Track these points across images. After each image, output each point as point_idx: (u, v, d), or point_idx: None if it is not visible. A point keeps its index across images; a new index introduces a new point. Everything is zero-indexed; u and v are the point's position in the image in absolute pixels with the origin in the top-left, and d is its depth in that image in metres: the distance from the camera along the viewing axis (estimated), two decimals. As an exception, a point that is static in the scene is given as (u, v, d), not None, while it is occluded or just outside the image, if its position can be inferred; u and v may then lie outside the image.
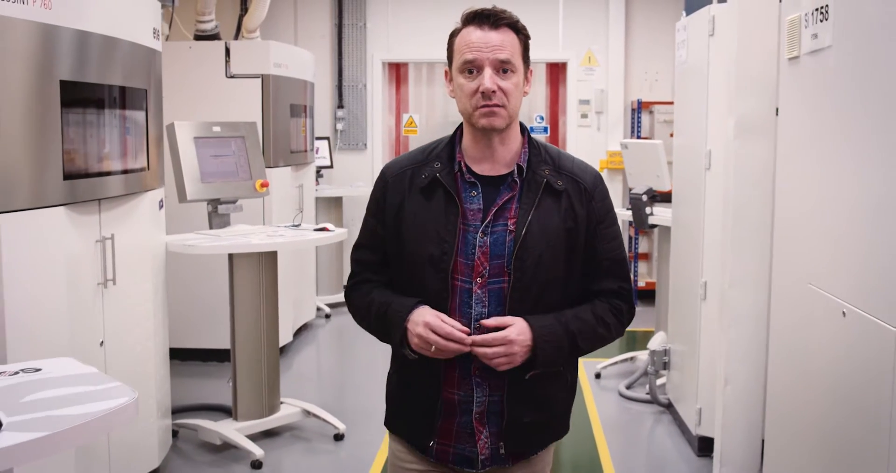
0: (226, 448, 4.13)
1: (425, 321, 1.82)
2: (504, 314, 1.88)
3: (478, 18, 1.87)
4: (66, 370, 1.87)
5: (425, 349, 1.83)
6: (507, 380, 1.92)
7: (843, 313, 2.27)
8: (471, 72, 1.87)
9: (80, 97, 3.04)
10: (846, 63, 2.32)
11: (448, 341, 1.81)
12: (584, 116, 7.90)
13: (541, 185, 1.92)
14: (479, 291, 1.90)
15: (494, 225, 1.90)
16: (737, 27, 3.30)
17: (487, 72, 1.84)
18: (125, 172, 3.39)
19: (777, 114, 3.06)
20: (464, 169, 1.93)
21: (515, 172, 1.92)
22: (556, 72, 8.13)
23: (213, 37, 5.69)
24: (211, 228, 4.34)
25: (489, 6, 1.90)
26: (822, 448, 2.45)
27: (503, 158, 1.94)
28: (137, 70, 3.49)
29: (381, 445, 4.22)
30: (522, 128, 1.99)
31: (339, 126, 7.91)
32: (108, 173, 3.26)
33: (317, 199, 6.96)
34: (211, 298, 5.37)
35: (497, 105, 1.85)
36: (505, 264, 1.88)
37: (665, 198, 5.06)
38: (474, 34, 1.86)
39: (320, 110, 7.59)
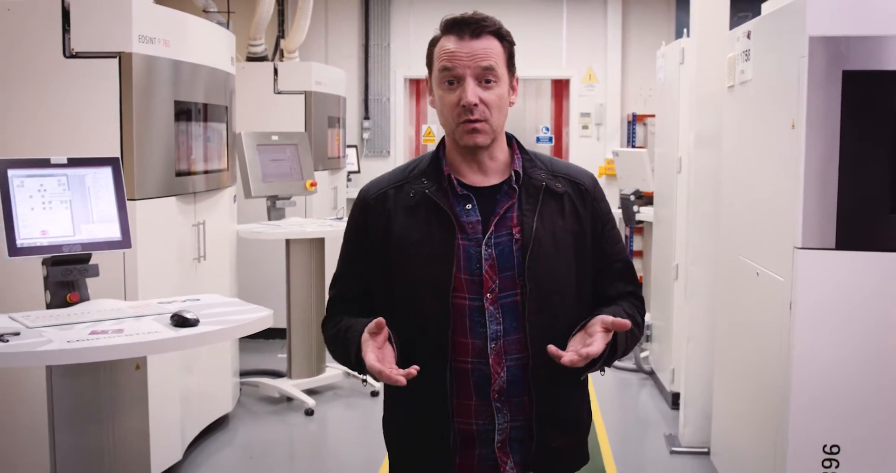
0: (281, 402, 4.99)
1: (368, 363, 1.62)
2: (520, 329, 1.73)
3: (457, 26, 1.72)
4: (216, 299, 2.75)
5: None
6: (535, 400, 1.76)
7: (757, 273, 3.13)
8: (451, 83, 1.71)
9: (185, 112, 3.91)
10: (760, 92, 3.18)
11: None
12: (585, 127, 8.65)
13: (540, 189, 1.78)
14: (490, 307, 1.72)
15: (497, 236, 1.74)
16: (696, 59, 4.13)
17: (470, 83, 1.69)
18: (212, 171, 4.27)
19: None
20: (454, 182, 1.77)
21: (513, 178, 1.78)
22: (560, 88, 8.95)
23: (263, 58, 6.55)
24: (269, 219, 5.22)
25: (470, 12, 1.75)
26: (745, 377, 3.31)
27: (493, 168, 1.80)
28: (220, 90, 4.36)
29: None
30: (509, 137, 1.86)
31: (366, 135, 8.66)
32: (198, 172, 4.14)
33: (347, 200, 7.81)
34: (256, 284, 6.05)
35: (479, 120, 1.71)
36: (516, 276, 1.73)
37: (650, 200, 5.91)
38: (453, 43, 1.71)
39: (349, 121, 8.26)
